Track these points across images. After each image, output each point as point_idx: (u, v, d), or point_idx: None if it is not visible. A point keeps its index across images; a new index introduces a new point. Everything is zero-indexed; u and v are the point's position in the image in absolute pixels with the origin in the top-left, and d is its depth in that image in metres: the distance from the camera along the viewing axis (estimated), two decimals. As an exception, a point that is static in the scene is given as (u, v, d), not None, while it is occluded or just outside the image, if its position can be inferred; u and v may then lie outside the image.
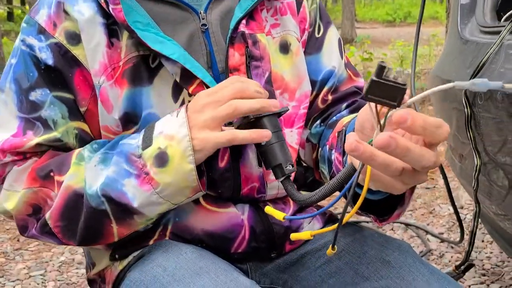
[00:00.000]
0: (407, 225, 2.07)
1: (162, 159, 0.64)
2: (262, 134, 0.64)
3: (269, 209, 0.61)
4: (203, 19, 0.72)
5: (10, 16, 18.50)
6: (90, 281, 0.86)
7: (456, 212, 1.49)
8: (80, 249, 2.07)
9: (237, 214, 0.75)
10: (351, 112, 0.81)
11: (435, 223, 2.12)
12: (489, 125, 0.97)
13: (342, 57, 0.86)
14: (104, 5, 0.66)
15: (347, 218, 0.50)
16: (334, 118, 0.81)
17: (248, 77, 0.73)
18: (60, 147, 0.73)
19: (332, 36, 0.86)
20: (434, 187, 2.55)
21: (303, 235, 0.55)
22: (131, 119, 0.71)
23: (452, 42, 1.24)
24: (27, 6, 19.15)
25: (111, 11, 0.66)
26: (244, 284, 0.63)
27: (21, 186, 0.70)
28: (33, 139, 0.71)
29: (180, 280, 0.65)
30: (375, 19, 20.16)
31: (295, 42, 0.80)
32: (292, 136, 0.79)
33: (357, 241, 0.78)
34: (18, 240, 2.21)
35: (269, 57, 0.76)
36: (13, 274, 1.90)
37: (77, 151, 0.71)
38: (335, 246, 0.52)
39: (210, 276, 0.65)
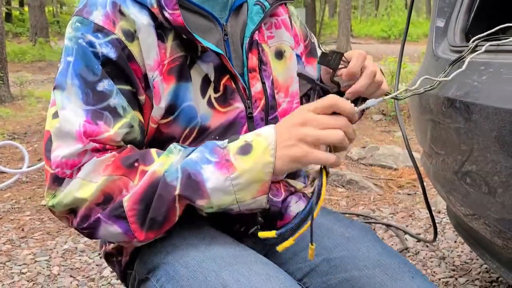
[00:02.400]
0: (388, 226, 2.23)
1: (246, 149, 0.69)
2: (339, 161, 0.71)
3: (262, 234, 0.70)
4: (225, 29, 0.87)
5: (8, 16, 18.54)
6: (107, 255, 0.92)
7: (431, 213, 1.63)
8: (83, 239, 2.19)
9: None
10: None
11: (414, 225, 2.28)
12: (450, 131, 1.12)
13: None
14: (156, 10, 0.76)
15: (316, 214, 0.69)
16: None
17: (260, 77, 0.89)
18: (132, 135, 0.77)
19: (315, 39, 1.10)
20: (415, 193, 2.71)
21: (269, 233, 0.69)
22: (171, 110, 0.80)
23: (428, 59, 1.41)
24: (25, 8, 19.24)
25: (167, 15, 0.75)
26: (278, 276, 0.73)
27: (98, 177, 0.71)
28: (109, 129, 0.73)
29: (197, 247, 0.76)
30: (370, 35, 20.44)
31: (288, 49, 0.97)
32: None
33: (327, 220, 0.93)
34: (22, 230, 2.33)
35: (270, 63, 0.93)
36: (19, 259, 2.02)
37: (155, 149, 0.76)
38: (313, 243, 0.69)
39: (224, 247, 0.77)
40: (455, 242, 2.04)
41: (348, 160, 3.43)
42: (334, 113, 0.69)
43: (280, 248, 0.68)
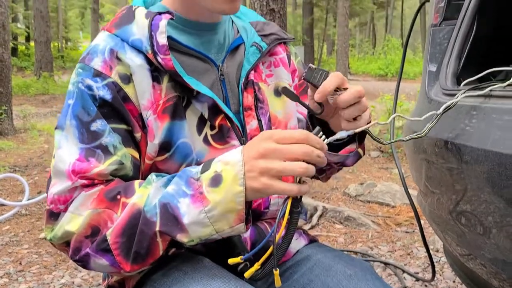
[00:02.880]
0: (386, 264, 2.23)
1: (216, 180, 0.71)
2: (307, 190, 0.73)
3: (231, 260, 0.76)
4: (221, 70, 0.92)
5: (14, 51, 18.88)
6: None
7: (428, 252, 1.64)
8: (80, 273, 2.19)
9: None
10: None
11: (412, 263, 2.28)
12: (443, 170, 1.16)
13: None
14: (151, 56, 0.81)
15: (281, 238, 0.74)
16: None
17: (256, 115, 0.93)
18: (122, 172, 0.81)
19: None
20: (413, 231, 2.72)
21: (236, 259, 0.76)
22: (166, 147, 0.84)
23: (421, 101, 1.46)
24: (32, 43, 19.64)
25: (160, 60, 0.80)
26: None
27: (86, 210, 0.75)
28: (98, 165, 0.77)
29: (199, 281, 0.77)
30: (368, 73, 20.76)
31: (287, 86, 1.00)
32: None
33: (327, 258, 0.94)
34: (20, 263, 2.33)
35: (267, 100, 0.96)
36: (16, 293, 2.02)
37: (138, 180, 0.79)
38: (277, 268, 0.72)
39: (224, 281, 0.77)
40: (454, 282, 2.04)
41: (346, 197, 3.45)
42: None
43: (247, 274, 0.72)
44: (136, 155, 0.83)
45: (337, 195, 3.49)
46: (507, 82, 1.00)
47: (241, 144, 0.89)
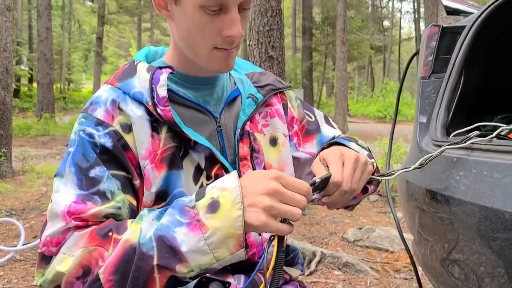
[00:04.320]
0: (384, 313, 2.19)
1: (214, 206, 0.71)
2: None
3: None
4: (218, 122, 0.95)
5: (16, 92, 19.16)
6: None
7: (425, 300, 1.63)
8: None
9: (233, 284, 0.91)
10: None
11: (410, 312, 2.24)
12: (435, 219, 1.17)
13: (336, 128, 1.17)
14: (151, 107, 0.85)
15: None
16: None
17: (252, 165, 0.95)
18: (118, 216, 0.81)
19: (319, 114, 1.17)
20: (412, 278, 2.68)
21: None
22: (162, 196, 0.85)
23: (413, 150, 1.50)
24: (34, 84, 19.99)
25: (159, 111, 0.83)
26: None
27: (77, 250, 0.75)
28: (94, 207, 0.78)
29: None
30: (366, 115, 21.01)
31: (281, 137, 1.03)
32: None
33: None
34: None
35: (262, 150, 0.99)
36: None
37: (131, 219, 0.79)
38: None
39: None
40: (452, 331, 2.00)
41: (345, 242, 3.42)
42: None
43: None
44: (134, 202, 0.85)
45: (336, 240, 3.47)
46: (489, 136, 1.04)
47: None
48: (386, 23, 34.69)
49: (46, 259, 0.77)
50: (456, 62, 1.41)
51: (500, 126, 1.20)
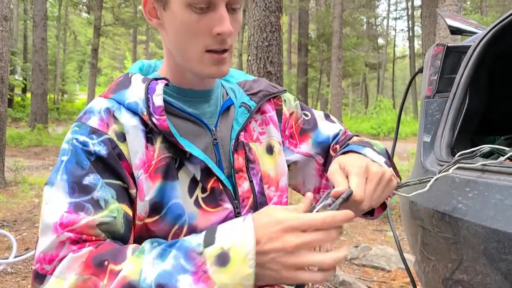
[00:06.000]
0: (383, 333, 2.16)
1: (223, 259, 0.65)
2: None
3: None
4: (214, 134, 0.93)
5: (9, 102, 19.03)
6: None
7: (426, 321, 1.60)
8: None
9: None
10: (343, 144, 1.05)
11: (409, 333, 2.21)
12: (439, 239, 1.16)
13: (337, 123, 1.12)
14: (146, 117, 0.83)
15: None
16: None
17: (248, 176, 0.93)
18: (112, 227, 0.77)
19: (319, 114, 1.13)
20: (410, 298, 2.66)
21: None
22: (157, 208, 0.82)
23: (417, 169, 1.49)
24: (28, 94, 19.92)
25: (154, 121, 0.81)
26: None
27: (72, 274, 0.70)
28: (87, 217, 0.75)
29: None
30: (360, 132, 21.07)
31: (277, 145, 1.02)
32: None
33: None
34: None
35: (258, 160, 0.97)
36: None
37: (133, 245, 0.74)
38: None
39: None
40: None
41: (341, 260, 3.39)
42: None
43: None
44: (130, 212, 0.82)
45: (331, 258, 3.43)
46: (503, 158, 1.03)
47: (234, 207, 0.89)
48: (380, 41, 35.16)
49: (39, 277, 0.73)
50: (461, 82, 1.42)
51: (504, 149, 1.21)
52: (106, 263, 0.70)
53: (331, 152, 1.07)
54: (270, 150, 1.00)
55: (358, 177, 0.83)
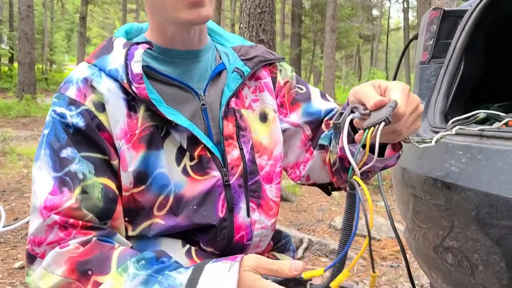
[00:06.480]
0: (371, 300, 2.19)
1: None
2: None
3: (307, 274, 0.69)
4: (202, 99, 0.89)
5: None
6: None
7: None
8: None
9: None
10: None
11: (397, 299, 2.25)
12: (431, 206, 1.15)
13: (331, 102, 1.07)
14: (126, 85, 0.80)
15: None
16: None
17: (238, 144, 0.90)
18: (89, 202, 0.77)
19: (314, 89, 1.08)
20: (398, 266, 2.69)
21: (315, 272, 0.68)
22: (142, 178, 0.81)
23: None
24: (15, 64, 19.54)
25: (134, 89, 0.78)
26: None
27: (58, 271, 0.73)
28: (70, 197, 0.75)
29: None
30: (352, 104, 21.09)
31: (271, 112, 0.98)
32: (271, 191, 0.96)
33: None
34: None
35: (250, 128, 0.94)
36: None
37: (117, 252, 0.74)
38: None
39: None
40: (439, 319, 2.01)
41: (332, 229, 3.42)
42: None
43: (334, 284, 0.66)
44: (112, 184, 0.81)
45: (323, 228, 3.46)
46: (500, 123, 1.01)
47: (222, 175, 0.87)
48: (375, 12, 34.74)
49: (31, 258, 0.76)
50: (456, 47, 1.39)
51: (498, 115, 1.19)
52: (90, 272, 0.72)
53: (323, 127, 1.03)
54: (263, 118, 0.96)
55: (402, 93, 0.70)
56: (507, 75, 1.61)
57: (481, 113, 1.20)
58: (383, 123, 0.63)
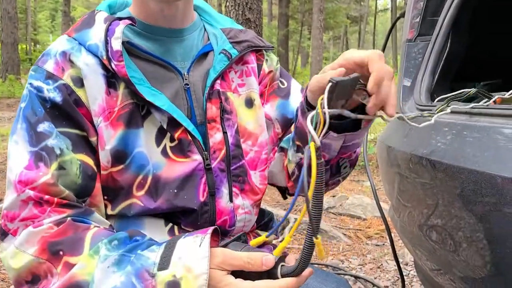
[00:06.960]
0: (356, 277, 2.22)
1: (173, 287, 0.65)
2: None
3: (253, 242, 0.71)
4: (186, 79, 0.87)
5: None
6: None
7: (399, 266, 1.64)
8: None
9: None
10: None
11: (382, 277, 2.28)
12: (416, 185, 1.15)
13: None
14: (106, 62, 0.78)
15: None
16: None
17: (222, 127, 0.88)
18: (67, 178, 0.76)
19: (296, 87, 1.04)
20: (384, 244, 2.73)
21: (260, 239, 0.70)
22: (121, 157, 0.80)
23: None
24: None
25: (113, 66, 0.77)
26: None
27: (30, 250, 0.72)
28: (46, 172, 0.74)
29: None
30: (340, 85, 21.12)
31: (257, 98, 0.96)
32: (256, 178, 0.94)
33: None
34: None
35: (236, 111, 0.91)
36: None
37: (91, 232, 0.73)
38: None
39: None
40: (423, 296, 2.04)
41: (318, 209, 3.44)
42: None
43: (277, 252, 0.68)
44: (90, 161, 0.79)
45: (309, 207, 3.48)
46: (490, 100, 1.01)
47: (203, 158, 0.85)
48: (362, -8, 34.50)
49: (3, 234, 0.75)
50: (443, 25, 1.37)
51: (482, 93, 1.18)
52: (61, 253, 0.71)
53: (292, 128, 0.98)
54: (249, 103, 0.94)
55: (378, 62, 0.65)
56: (495, 46, 1.60)
57: (472, 91, 1.19)
58: (329, 84, 0.63)
